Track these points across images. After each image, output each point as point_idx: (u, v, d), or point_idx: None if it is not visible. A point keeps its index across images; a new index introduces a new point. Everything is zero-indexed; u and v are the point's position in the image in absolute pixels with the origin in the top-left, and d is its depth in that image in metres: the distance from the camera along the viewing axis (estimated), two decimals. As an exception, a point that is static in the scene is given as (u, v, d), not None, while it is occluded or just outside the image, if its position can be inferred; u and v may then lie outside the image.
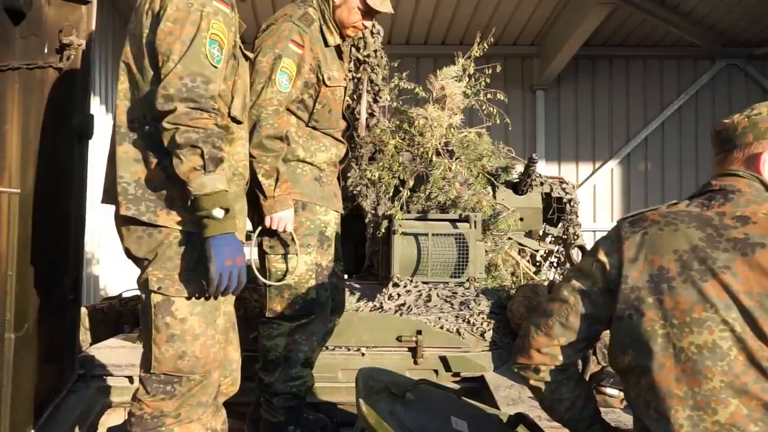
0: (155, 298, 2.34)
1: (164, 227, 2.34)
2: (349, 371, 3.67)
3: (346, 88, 3.16)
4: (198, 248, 2.34)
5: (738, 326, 1.62)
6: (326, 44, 3.07)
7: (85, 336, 3.94)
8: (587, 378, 3.41)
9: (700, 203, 1.83)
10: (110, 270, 9.13)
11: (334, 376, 3.65)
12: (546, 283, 3.91)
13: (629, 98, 11.54)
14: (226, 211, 2.28)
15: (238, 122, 2.50)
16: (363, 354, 3.68)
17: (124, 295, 4.89)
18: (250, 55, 2.72)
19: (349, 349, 3.70)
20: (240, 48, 2.49)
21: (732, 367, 1.62)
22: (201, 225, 2.28)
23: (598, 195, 11.46)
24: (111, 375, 3.59)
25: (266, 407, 3.16)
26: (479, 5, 9.94)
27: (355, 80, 3.66)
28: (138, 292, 2.56)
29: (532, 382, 1.98)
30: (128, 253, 2.44)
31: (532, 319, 1.97)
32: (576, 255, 3.65)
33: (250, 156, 2.71)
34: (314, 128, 3.08)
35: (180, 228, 2.34)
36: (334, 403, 3.63)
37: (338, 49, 3.15)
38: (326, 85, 3.02)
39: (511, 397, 3.48)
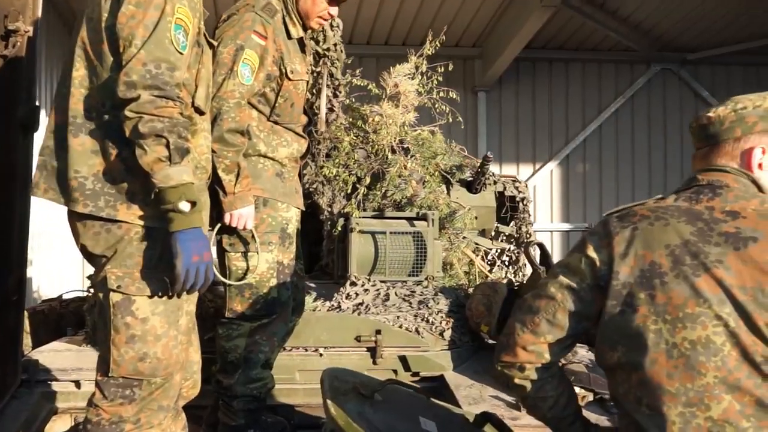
0: (114, 297, 2.21)
1: (124, 222, 2.22)
2: (306, 372, 3.59)
3: (308, 82, 3.08)
4: (160, 244, 2.22)
5: (732, 321, 1.61)
6: (289, 36, 2.98)
7: (25, 340, 3.75)
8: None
9: (687, 197, 1.81)
10: (45, 271, 8.79)
11: (291, 378, 3.56)
12: (505, 281, 3.90)
13: (568, 101, 11.75)
14: (193, 204, 2.18)
15: (201, 113, 2.39)
16: (321, 354, 3.60)
17: (65, 296, 4.71)
18: (215, 42, 2.61)
19: (306, 350, 3.61)
20: (204, 35, 2.38)
21: (725, 363, 1.60)
22: (165, 219, 2.17)
23: (538, 196, 11.62)
24: (56, 380, 3.42)
25: (225, 410, 3.05)
26: (422, 6, 9.94)
27: (315, 74, 3.58)
28: (80, 293, 2.41)
29: (516, 380, 1.93)
30: (84, 250, 2.31)
31: (517, 316, 1.92)
32: (534, 253, 3.64)
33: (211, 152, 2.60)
34: (276, 123, 2.99)
35: (141, 223, 2.22)
36: (291, 405, 3.55)
37: (301, 42, 3.06)
38: (289, 79, 2.93)
39: (472, 396, 3.45)
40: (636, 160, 11.75)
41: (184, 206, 2.15)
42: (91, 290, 3.75)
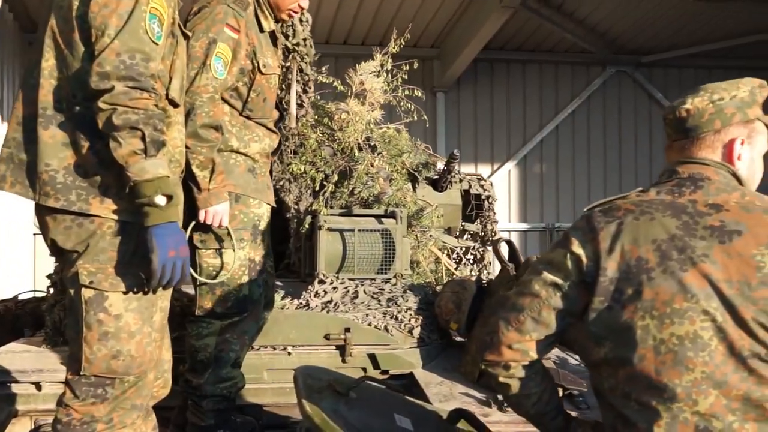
0: (86, 293, 2.15)
1: (97, 216, 2.16)
2: (275, 371, 3.54)
3: (280, 76, 3.04)
4: (134, 239, 2.17)
5: (719, 315, 1.63)
6: (261, 29, 2.94)
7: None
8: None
9: (670, 191, 1.82)
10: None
11: (259, 377, 3.50)
12: (474, 278, 3.91)
13: (526, 102, 11.87)
14: (169, 198, 2.13)
15: (176, 105, 2.34)
16: (289, 353, 3.55)
17: (20, 296, 4.57)
18: (189, 33, 2.56)
19: (275, 349, 3.55)
20: (179, 25, 2.33)
21: (713, 358, 1.62)
22: (140, 213, 2.12)
23: (496, 196, 11.68)
24: (16, 381, 3.31)
25: (194, 410, 3.00)
26: (382, 6, 9.93)
27: (284, 69, 3.53)
28: (36, 294, 2.34)
29: (501, 379, 1.91)
30: (53, 246, 2.24)
31: (501, 314, 1.90)
32: (503, 250, 3.66)
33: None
34: (248, 118, 2.95)
35: (115, 217, 2.17)
36: (259, 405, 3.50)
37: (272, 35, 3.03)
38: (261, 73, 2.89)
39: (443, 394, 3.45)
40: (591, 160, 11.93)
41: (160, 200, 2.11)
42: (50, 289, 3.65)
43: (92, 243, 2.16)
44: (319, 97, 4.71)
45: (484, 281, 3.84)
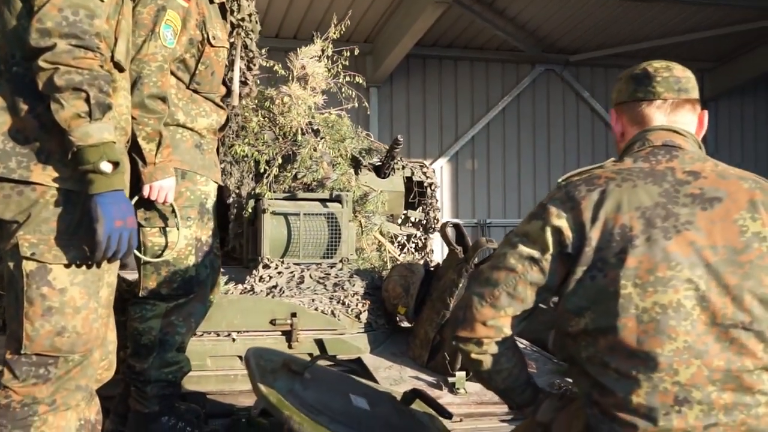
0: (28, 266, 2.01)
1: (39, 185, 2.02)
2: (218, 358, 3.43)
3: (228, 50, 2.93)
4: (79, 208, 2.04)
5: (702, 284, 1.62)
6: (211, 0, 2.83)
7: None
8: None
9: (645, 158, 1.80)
10: None
11: (202, 364, 3.37)
12: (422, 262, 3.88)
13: (458, 98, 11.96)
14: (115, 165, 2.01)
15: (121, 69, 2.21)
16: (234, 339, 3.44)
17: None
18: None
19: (218, 335, 3.44)
20: None
21: (695, 327, 1.61)
22: (84, 181, 1.99)
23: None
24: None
25: (137, 397, 2.85)
26: (314, 0, 9.84)
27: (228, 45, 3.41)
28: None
29: (473, 355, 1.86)
30: None
31: (474, 290, 1.84)
32: (451, 234, 3.63)
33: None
34: (195, 91, 2.82)
35: (58, 185, 2.03)
36: (203, 392, 3.37)
37: (222, 7, 2.92)
38: (211, 45, 2.78)
39: (393, 378, 3.41)
40: (522, 156, 12.11)
41: (105, 167, 1.99)
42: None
43: (34, 213, 2.02)
44: (258, 82, 4.60)
45: (431, 265, 3.81)
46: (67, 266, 2.04)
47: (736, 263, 1.62)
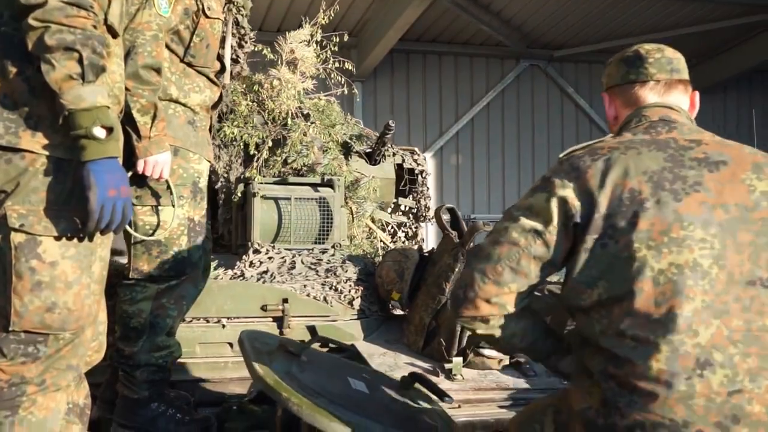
0: (16, 238, 1.90)
1: (28, 152, 1.92)
2: (208, 345, 3.34)
3: (226, 23, 2.84)
4: (71, 177, 1.94)
5: (717, 243, 1.59)
6: None
7: None
8: (465, 342, 3.35)
9: (645, 131, 1.80)
10: None
11: (191, 351, 3.27)
12: (416, 247, 3.80)
13: (442, 93, 11.90)
14: (109, 130, 1.91)
15: (115, 35, 2.11)
16: (224, 326, 3.35)
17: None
18: None
19: (208, 321, 3.34)
20: None
21: (713, 286, 1.57)
22: (76, 147, 1.89)
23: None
24: None
25: (126, 382, 2.76)
26: (297, -6, 9.76)
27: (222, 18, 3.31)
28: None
29: (480, 332, 1.80)
30: None
31: (475, 266, 1.77)
32: (445, 218, 3.57)
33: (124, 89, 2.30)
34: (189, 65, 2.72)
35: (47, 153, 1.93)
36: (192, 380, 3.28)
37: (215, -21, 2.82)
38: (206, 16, 2.68)
39: (387, 364, 3.33)
40: (506, 152, 12.09)
41: (99, 132, 1.89)
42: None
43: (23, 182, 1.92)
44: (247, 67, 4.52)
45: (425, 251, 3.74)
46: (57, 239, 1.94)
47: (749, 221, 1.60)
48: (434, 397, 2.76)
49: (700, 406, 1.52)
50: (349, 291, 3.61)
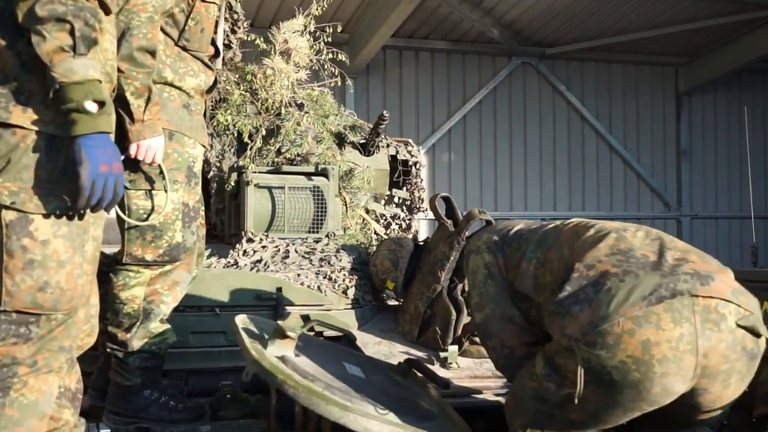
0: (7, 216, 1.87)
1: (18, 128, 1.88)
2: (201, 334, 3.30)
3: (219, 7, 2.80)
4: (63, 155, 1.91)
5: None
6: None
7: None
8: (460, 331, 3.34)
9: None
10: None
11: (184, 340, 3.23)
12: (410, 236, 3.78)
13: (434, 91, 11.87)
14: (101, 105, 1.88)
15: (107, 11, 2.07)
16: (217, 315, 3.31)
17: None
18: None
19: (201, 310, 3.31)
20: None
21: None
22: (67, 122, 1.85)
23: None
24: None
25: (118, 368, 2.72)
26: (289, -11, 9.70)
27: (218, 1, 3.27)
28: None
29: None
30: None
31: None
32: (440, 207, 3.55)
33: (118, 71, 2.26)
34: (183, 48, 2.68)
35: (38, 129, 1.89)
36: (184, 369, 3.25)
37: (210, -38, 2.79)
38: (202, 0, 2.65)
39: (382, 353, 3.31)
40: (498, 149, 12.06)
41: (90, 106, 1.86)
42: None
43: (14, 158, 1.88)
44: (240, 53, 4.48)
45: (420, 240, 3.71)
46: (49, 217, 1.90)
47: None
48: (431, 383, 2.75)
49: None
50: (344, 280, 3.58)
